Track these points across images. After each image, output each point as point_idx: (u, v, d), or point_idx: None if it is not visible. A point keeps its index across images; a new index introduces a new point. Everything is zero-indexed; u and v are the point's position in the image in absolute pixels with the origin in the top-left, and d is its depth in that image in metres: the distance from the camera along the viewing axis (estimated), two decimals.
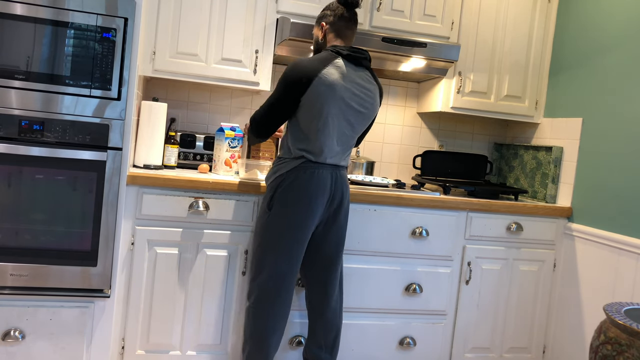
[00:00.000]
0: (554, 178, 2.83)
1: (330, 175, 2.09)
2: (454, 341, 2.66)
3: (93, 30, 2.06)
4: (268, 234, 2.07)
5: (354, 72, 2.09)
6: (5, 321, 2.10)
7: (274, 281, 2.06)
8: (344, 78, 2.05)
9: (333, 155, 2.09)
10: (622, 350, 1.70)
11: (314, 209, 2.06)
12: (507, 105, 2.95)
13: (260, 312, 2.08)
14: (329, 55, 2.07)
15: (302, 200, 2.04)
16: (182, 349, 2.35)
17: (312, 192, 2.04)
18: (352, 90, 2.07)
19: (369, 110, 2.14)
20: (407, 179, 3.24)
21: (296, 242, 2.06)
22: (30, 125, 2.04)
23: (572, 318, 2.66)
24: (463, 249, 2.63)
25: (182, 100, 2.90)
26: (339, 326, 2.24)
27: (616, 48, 2.54)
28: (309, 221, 2.06)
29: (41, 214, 2.08)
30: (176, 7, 2.51)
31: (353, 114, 2.09)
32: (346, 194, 2.16)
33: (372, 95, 2.14)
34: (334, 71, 2.03)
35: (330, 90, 2.01)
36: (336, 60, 2.06)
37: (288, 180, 2.05)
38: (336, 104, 2.03)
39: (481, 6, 2.86)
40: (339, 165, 2.13)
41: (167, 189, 2.27)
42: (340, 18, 2.12)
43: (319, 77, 2.00)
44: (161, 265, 2.29)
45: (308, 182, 2.04)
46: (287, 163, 2.08)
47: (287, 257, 2.06)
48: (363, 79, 2.11)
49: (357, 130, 2.14)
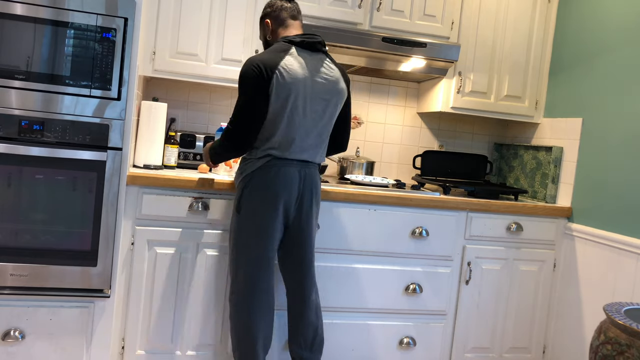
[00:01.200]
0: (554, 178, 2.83)
1: (298, 173, 2.03)
2: (454, 341, 2.66)
3: (93, 30, 2.06)
4: (238, 237, 2.05)
5: (311, 58, 2.03)
6: (5, 321, 2.10)
7: (250, 282, 2.04)
8: (303, 66, 1.99)
9: (302, 150, 2.02)
10: (622, 350, 1.70)
11: (279, 207, 2.01)
12: (507, 105, 2.95)
13: (244, 315, 2.06)
14: (282, 45, 2.01)
15: (268, 200, 2.00)
16: (182, 349, 2.35)
17: (278, 191, 2.00)
18: (314, 78, 2.01)
19: (335, 96, 2.06)
20: (407, 179, 3.24)
21: (265, 242, 2.03)
22: (30, 125, 2.04)
23: (572, 318, 2.66)
24: (463, 249, 2.63)
25: (182, 100, 2.90)
26: (317, 324, 2.19)
27: (616, 48, 2.54)
28: (276, 220, 2.02)
29: (41, 214, 2.08)
30: (176, 7, 2.51)
31: (319, 103, 2.03)
32: (316, 194, 2.10)
33: (334, 79, 2.07)
34: (293, 60, 1.98)
35: (293, 81, 1.96)
36: (291, 50, 2.00)
37: (254, 181, 2.01)
38: (301, 95, 1.98)
39: (481, 6, 2.86)
40: (308, 162, 2.06)
41: (167, 189, 2.27)
42: (281, 9, 2.09)
43: (279, 68, 1.94)
44: (161, 265, 2.29)
45: (273, 181, 1.99)
46: (253, 162, 2.03)
47: (257, 258, 2.03)
48: (321, 64, 2.05)
49: (326, 121, 2.07)
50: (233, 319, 2.10)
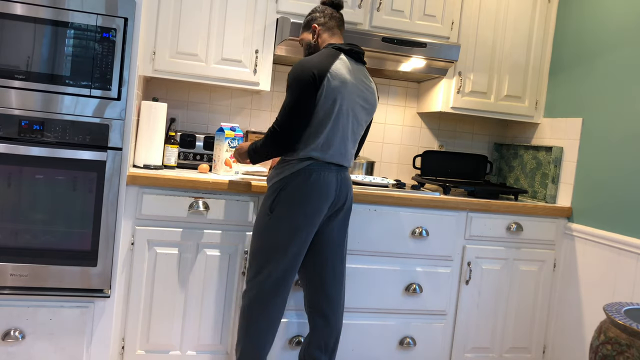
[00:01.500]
0: (554, 178, 2.83)
1: (335, 178, 2.05)
2: (454, 341, 2.66)
3: (93, 30, 2.06)
4: (269, 236, 2.03)
5: (356, 67, 2.09)
6: (5, 321, 2.10)
7: (272, 283, 2.03)
8: (350, 74, 2.04)
9: (340, 154, 2.05)
10: (622, 350, 1.70)
11: (318, 213, 2.02)
12: (507, 105, 2.95)
13: (256, 313, 2.05)
14: (332, 51, 2.05)
15: (307, 204, 1.99)
16: (182, 349, 2.35)
17: (318, 197, 2.00)
18: (358, 86, 2.06)
19: (372, 106, 2.14)
20: (407, 179, 3.24)
21: (298, 245, 2.03)
22: (30, 125, 2.04)
23: (572, 318, 2.66)
24: (463, 249, 2.63)
25: (182, 100, 2.90)
26: (340, 329, 2.21)
27: (616, 48, 2.54)
28: (312, 225, 2.03)
29: (41, 214, 2.08)
30: (176, 7, 2.51)
31: (360, 111, 2.08)
32: (350, 196, 2.13)
33: (373, 91, 2.14)
34: (342, 66, 2.02)
35: (342, 86, 2.00)
36: (341, 56, 2.04)
37: (293, 183, 2.00)
38: (346, 100, 2.01)
39: (481, 6, 2.86)
40: (344, 166, 2.09)
41: (167, 189, 2.27)
42: (331, 17, 2.12)
43: (330, 72, 1.97)
44: (161, 265, 2.29)
45: (313, 186, 1.99)
46: (293, 165, 2.02)
47: (287, 260, 2.03)
48: (363, 75, 2.11)
49: (362, 128, 2.13)
50: (246, 315, 2.07)
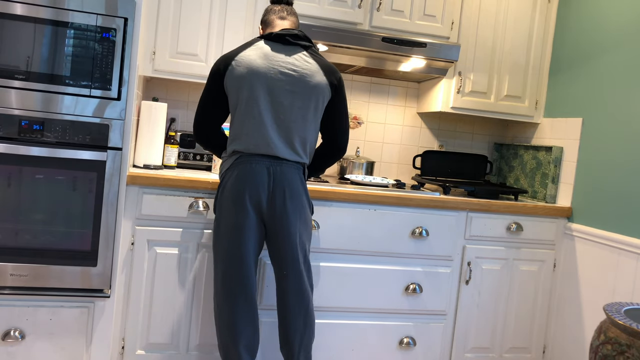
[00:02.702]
0: (554, 178, 2.83)
1: (266, 170, 1.95)
2: (454, 341, 2.66)
3: (93, 30, 2.06)
4: (216, 237, 2.03)
5: (282, 51, 1.99)
6: (5, 321, 2.10)
7: (227, 284, 2.00)
8: (266, 57, 1.97)
9: (266, 144, 1.94)
10: (622, 350, 1.70)
11: (247, 206, 1.95)
12: (507, 105, 2.95)
13: (218, 312, 2.03)
14: (251, 40, 2.04)
15: (236, 199, 1.95)
16: (182, 349, 2.35)
17: (244, 189, 1.94)
18: (278, 69, 1.95)
19: (308, 89, 1.97)
20: (407, 179, 3.24)
21: (236, 242, 1.96)
22: (30, 125, 2.04)
23: (572, 318, 2.66)
24: (463, 249, 2.63)
25: (182, 100, 2.90)
26: (298, 326, 2.06)
27: (616, 48, 2.54)
28: (245, 220, 1.95)
29: (41, 214, 2.08)
30: (176, 7, 2.51)
31: (285, 95, 1.95)
32: (293, 193, 1.98)
33: (308, 72, 1.98)
34: (252, 52, 1.98)
35: (249, 72, 1.94)
36: (257, 43, 2.01)
37: (224, 181, 2.00)
38: (260, 86, 1.94)
39: (481, 6, 2.86)
40: (280, 158, 1.96)
41: (167, 189, 2.27)
42: (267, 12, 2.11)
43: (235, 60, 1.96)
44: (161, 265, 2.29)
45: (239, 179, 1.95)
46: (225, 161, 2.03)
47: (228, 259, 1.98)
48: (294, 57, 1.99)
49: (299, 115, 1.97)
50: (215, 323, 2.07)
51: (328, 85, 2.02)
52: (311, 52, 2.04)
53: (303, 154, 2.02)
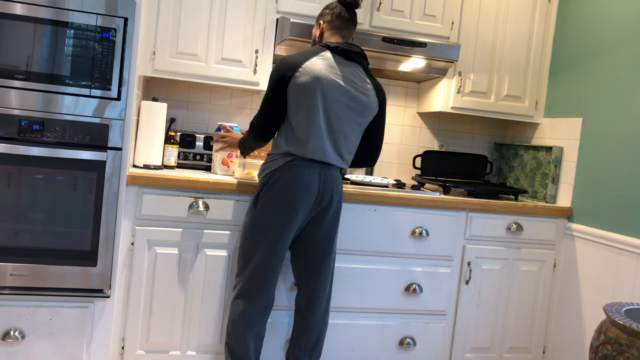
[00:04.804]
0: (554, 178, 2.83)
1: (318, 175, 2.03)
2: (454, 341, 2.66)
3: (93, 30, 2.06)
4: (252, 232, 2.07)
5: (344, 66, 2.04)
6: (5, 321, 2.10)
7: (255, 277, 2.06)
8: (331, 70, 2.00)
9: (322, 151, 2.02)
10: (622, 350, 1.70)
11: (297, 208, 2.01)
12: (507, 105, 2.95)
13: (241, 307, 2.07)
14: (316, 48, 2.05)
15: (285, 199, 2.00)
16: (182, 349, 2.35)
17: (296, 192, 2.00)
18: (340, 83, 2.01)
19: (362, 106, 2.06)
20: (407, 179, 3.24)
21: (276, 240, 2.04)
22: (30, 125, 2.04)
23: (572, 318, 2.66)
24: (463, 249, 2.63)
25: (182, 100, 2.90)
26: (321, 330, 2.20)
27: (616, 48, 2.54)
28: (291, 221, 2.03)
29: (41, 214, 2.08)
30: (176, 7, 2.51)
31: (342, 109, 2.02)
32: (336, 196, 2.10)
33: (364, 91, 2.06)
34: (319, 61, 2.00)
35: (314, 81, 1.97)
36: (323, 53, 2.03)
37: (273, 179, 2.03)
38: (321, 97, 1.98)
39: (481, 6, 2.86)
40: (330, 164, 2.06)
41: (167, 189, 2.27)
42: (337, 17, 2.09)
43: (302, 68, 1.97)
44: (161, 265, 2.29)
45: (292, 181, 2.00)
46: (275, 161, 2.05)
47: (267, 254, 2.04)
48: (353, 74, 2.06)
49: (350, 128, 2.06)
50: (231, 310, 2.12)
51: (376, 108, 2.13)
52: (367, 70, 2.13)
53: (347, 161, 2.14)
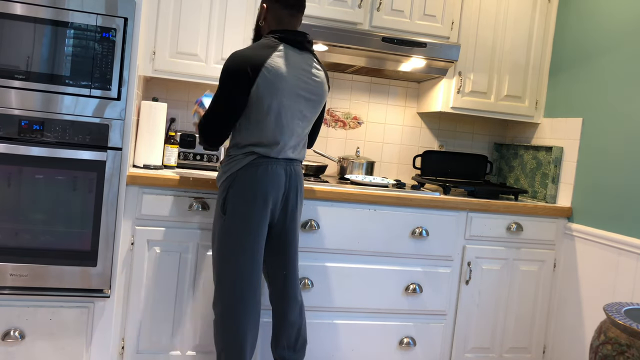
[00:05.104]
0: (554, 178, 2.83)
1: (284, 171, 1.98)
2: (454, 341, 2.66)
3: (93, 30, 2.06)
4: (226, 239, 1.96)
5: (299, 57, 1.97)
6: (5, 321, 2.10)
7: (239, 286, 1.95)
8: (290, 65, 1.94)
9: (287, 149, 1.98)
10: (622, 350, 1.70)
11: (269, 206, 1.96)
12: (507, 105, 2.95)
13: (230, 322, 1.97)
14: (270, 42, 1.93)
15: (257, 199, 1.94)
16: (182, 349, 2.35)
17: (267, 190, 1.94)
18: (300, 77, 1.96)
19: (319, 96, 2.02)
20: (407, 179, 3.24)
21: (256, 243, 1.96)
22: (30, 125, 2.04)
23: (572, 318, 2.66)
24: (463, 249, 2.63)
25: (182, 100, 2.90)
26: (300, 324, 2.13)
27: (616, 48, 2.54)
28: (266, 217, 1.97)
29: (41, 214, 2.08)
30: (176, 7, 2.51)
31: (304, 103, 1.98)
32: (300, 190, 2.06)
33: (320, 80, 2.02)
34: (279, 59, 1.92)
35: (280, 81, 1.90)
36: (279, 47, 1.94)
37: (241, 179, 1.94)
38: (287, 95, 1.92)
39: (481, 6, 2.86)
40: (293, 159, 2.02)
41: (167, 189, 2.27)
42: (281, 3, 1.97)
43: (265, 67, 1.87)
44: (161, 265, 2.29)
45: (261, 179, 1.93)
46: (238, 161, 1.95)
47: (249, 260, 1.95)
48: (308, 64, 2.00)
49: (309, 120, 2.04)
50: (219, 326, 1.99)
51: (328, 92, 2.11)
52: (316, 58, 2.07)
53: (304, 154, 2.11)
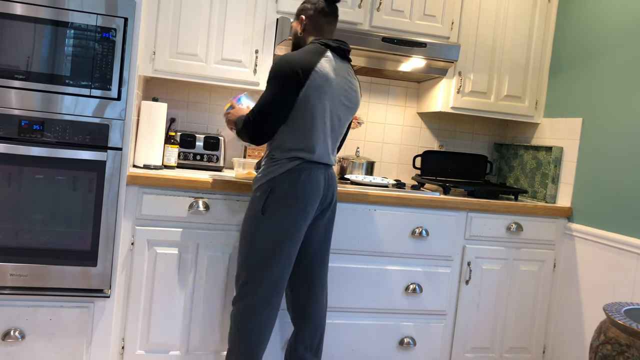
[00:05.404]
0: (554, 178, 2.83)
1: (323, 176, 2.02)
2: (454, 341, 2.66)
3: (93, 30, 2.06)
4: (263, 239, 1.97)
5: (341, 65, 2.03)
6: (5, 321, 2.10)
7: (269, 287, 1.98)
8: (335, 72, 1.98)
9: (326, 153, 2.02)
10: (622, 350, 1.70)
11: (309, 211, 1.99)
12: (507, 105, 2.95)
13: (251, 318, 1.98)
14: (318, 47, 1.98)
15: (299, 203, 1.96)
16: (182, 349, 2.35)
17: (309, 195, 1.97)
18: (342, 85, 2.01)
19: (355, 105, 2.08)
20: (407, 179, 3.24)
21: (292, 247, 1.99)
22: (30, 125, 2.04)
23: (572, 318, 2.66)
24: (463, 249, 2.63)
25: (182, 100, 2.90)
26: (324, 326, 2.19)
27: (616, 48, 2.54)
28: (304, 225, 2.00)
29: (41, 214, 2.08)
30: (176, 7, 2.51)
31: (343, 110, 2.03)
32: (336, 194, 2.12)
33: (356, 90, 2.09)
34: (327, 64, 1.96)
35: (327, 85, 1.94)
36: (327, 53, 1.98)
37: (283, 184, 1.95)
38: (331, 99, 1.97)
39: (481, 6, 2.86)
40: (329, 164, 2.07)
41: (167, 189, 2.27)
42: (320, 12, 2.03)
43: (315, 71, 1.91)
44: (161, 265, 2.29)
45: (304, 185, 1.96)
46: (281, 165, 1.97)
47: (284, 262, 1.98)
48: (348, 73, 2.05)
49: (344, 127, 2.09)
50: (239, 323, 2.01)
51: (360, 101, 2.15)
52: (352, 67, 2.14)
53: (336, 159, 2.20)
